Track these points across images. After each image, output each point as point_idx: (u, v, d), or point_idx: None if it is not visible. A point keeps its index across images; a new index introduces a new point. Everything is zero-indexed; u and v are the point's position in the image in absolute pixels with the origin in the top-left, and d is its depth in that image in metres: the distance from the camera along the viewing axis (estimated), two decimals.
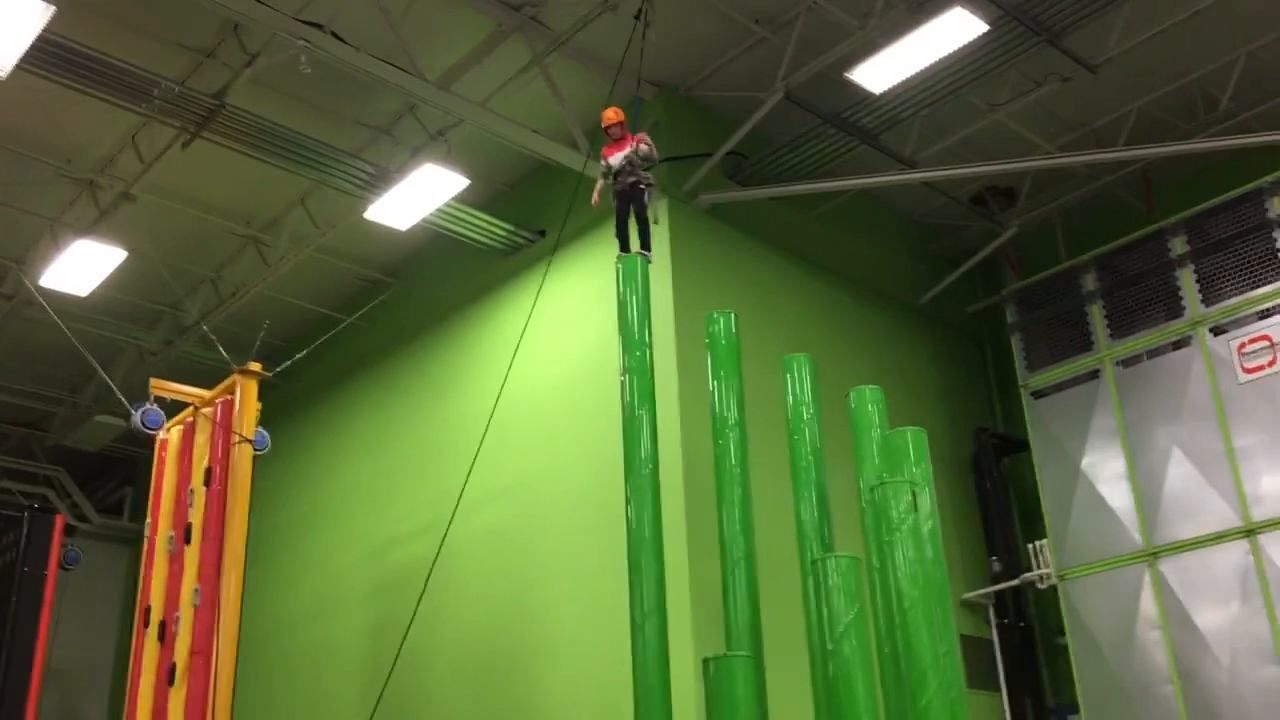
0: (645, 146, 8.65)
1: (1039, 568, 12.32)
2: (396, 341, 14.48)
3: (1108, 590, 11.62)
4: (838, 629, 6.09)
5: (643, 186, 8.72)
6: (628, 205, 8.75)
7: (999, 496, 13.28)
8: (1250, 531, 10.74)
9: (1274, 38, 11.66)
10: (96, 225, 12.84)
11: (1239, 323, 11.30)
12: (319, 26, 9.85)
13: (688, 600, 9.60)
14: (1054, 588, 12.11)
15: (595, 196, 8.86)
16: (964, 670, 8.47)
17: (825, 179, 12.07)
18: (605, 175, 8.78)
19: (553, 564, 11.39)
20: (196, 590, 10.45)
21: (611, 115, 8.82)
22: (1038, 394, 12.69)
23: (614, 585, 8.88)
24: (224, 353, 12.20)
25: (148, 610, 11.13)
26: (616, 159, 8.71)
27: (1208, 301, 11.55)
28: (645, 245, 8.68)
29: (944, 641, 6.45)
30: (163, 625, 10.83)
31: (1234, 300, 11.37)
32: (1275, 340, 10.98)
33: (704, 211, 11.77)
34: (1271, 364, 10.97)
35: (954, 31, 10.04)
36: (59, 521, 13.17)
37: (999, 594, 12.90)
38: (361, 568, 13.82)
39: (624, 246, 8.71)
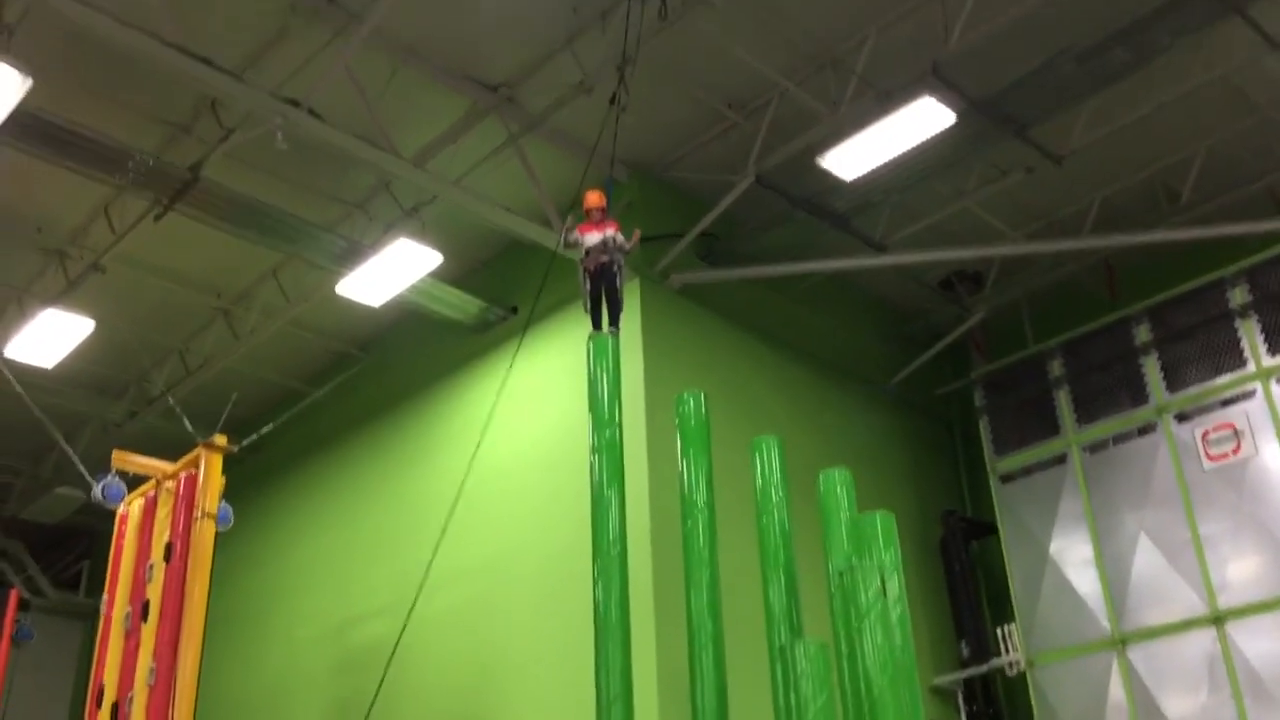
0: (621, 238, 8.62)
1: (1008, 653, 12.25)
2: (365, 416, 14.39)
3: (1077, 677, 11.57)
4: (806, 715, 5.99)
5: (615, 269, 8.75)
6: (600, 284, 8.79)
7: (968, 580, 13.25)
8: (1218, 619, 10.75)
9: (1232, 133, 11.97)
10: (65, 295, 12.76)
11: (1203, 410, 11.43)
12: (296, 104, 9.93)
13: (654, 684, 9.46)
14: (1023, 674, 12.04)
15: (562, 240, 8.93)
16: None
17: (796, 261, 12.20)
18: (574, 246, 8.78)
19: (517, 645, 11.22)
20: (152, 669, 10.19)
21: (594, 199, 8.75)
22: (1006, 478, 12.74)
23: (580, 668, 8.74)
24: (189, 425, 12.08)
25: (101, 689, 10.84)
26: (593, 238, 8.73)
27: (1172, 389, 11.69)
28: (615, 322, 8.70)
29: None
30: (116, 706, 10.53)
31: (1198, 388, 11.51)
32: (1239, 428, 11.10)
33: (676, 291, 11.85)
34: (1235, 451, 11.08)
35: (922, 121, 10.23)
36: (12, 596, 12.89)
37: (968, 680, 12.79)
38: (322, 647, 13.56)
39: (596, 324, 8.73)
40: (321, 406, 14.20)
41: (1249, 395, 11.15)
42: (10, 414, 14.47)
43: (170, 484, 11.08)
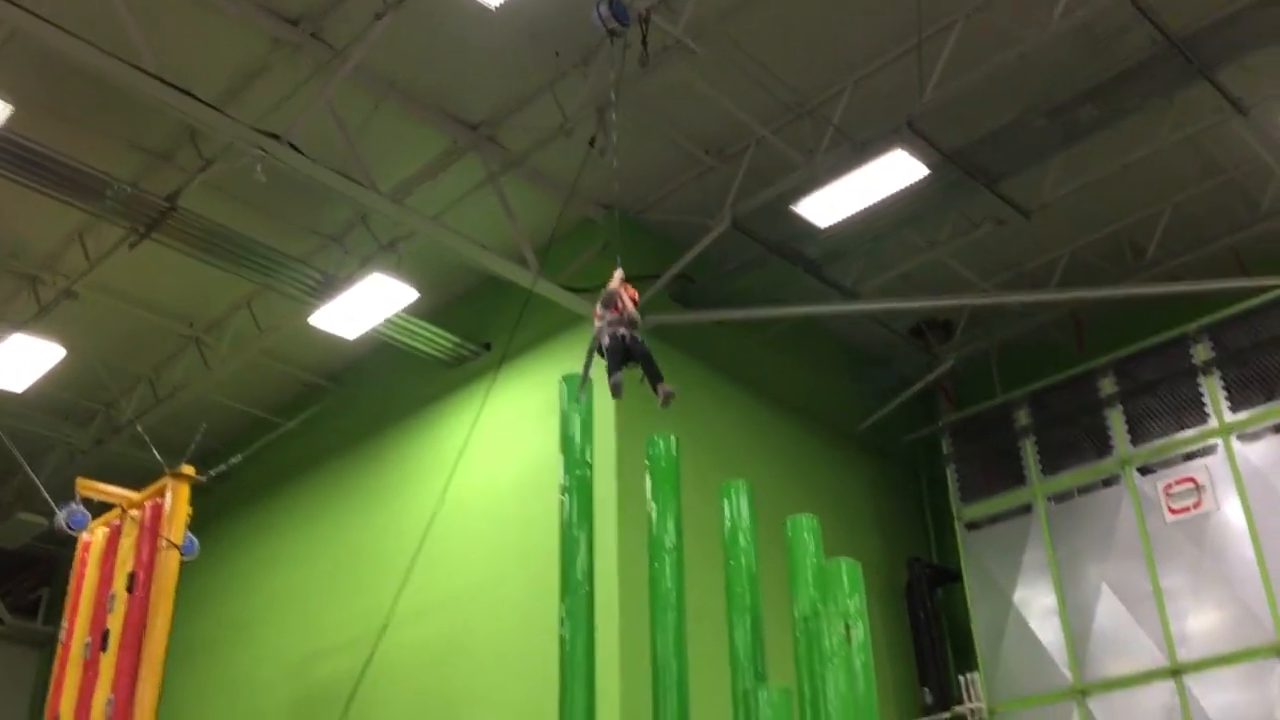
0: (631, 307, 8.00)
1: (970, 700, 12.28)
2: (334, 449, 14.33)
3: None
4: None
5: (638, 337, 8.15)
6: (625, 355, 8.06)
7: (932, 627, 13.29)
8: (1176, 672, 10.84)
9: (1197, 192, 12.23)
10: (36, 320, 12.68)
11: (1166, 464, 11.58)
12: (276, 136, 9.97)
13: None
14: None
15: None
16: None
17: (769, 305, 12.31)
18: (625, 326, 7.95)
19: (482, 683, 11.15)
20: (110, 700, 10.08)
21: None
22: (971, 525, 12.83)
23: (545, 707, 8.71)
24: (156, 454, 12.00)
25: (57, 718, 10.69)
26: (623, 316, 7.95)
27: (1136, 441, 11.83)
28: (660, 377, 8.09)
29: None
30: None
31: (1160, 441, 11.66)
32: (1200, 483, 11.25)
33: (649, 332, 11.90)
34: (1197, 506, 11.22)
35: (895, 173, 10.42)
36: None
37: None
38: (285, 682, 13.41)
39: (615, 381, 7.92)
40: (291, 438, 14.13)
41: (1211, 450, 11.31)
42: None
43: (135, 513, 11.00)
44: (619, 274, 7.93)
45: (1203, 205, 12.37)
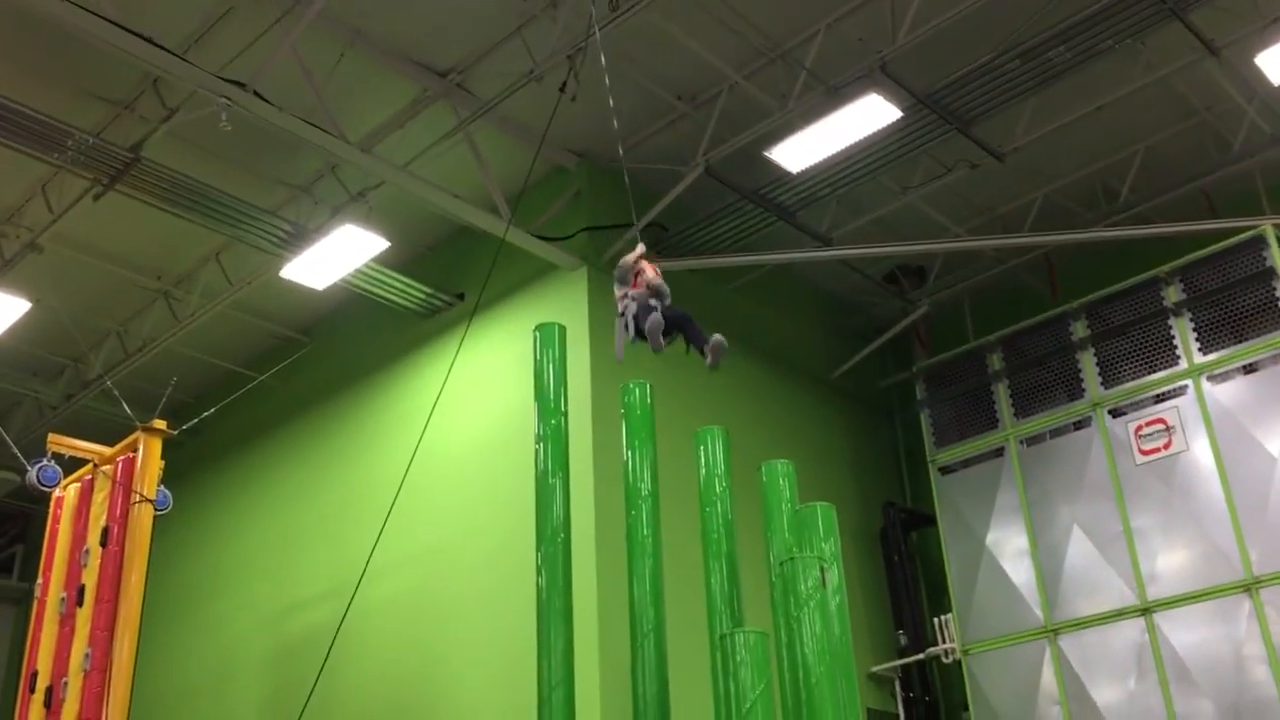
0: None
1: (944, 642, 12.47)
2: (308, 402, 14.27)
3: (1010, 665, 11.80)
4: (745, 704, 6.07)
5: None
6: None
7: (906, 570, 13.44)
8: (1146, 610, 11.01)
9: (1169, 134, 12.24)
10: (1, 275, 12.50)
11: (1136, 405, 11.69)
12: (241, 84, 9.80)
13: (596, 672, 9.52)
14: (959, 662, 12.26)
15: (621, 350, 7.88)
16: None
17: (743, 253, 12.28)
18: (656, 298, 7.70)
19: (460, 633, 11.21)
20: (87, 654, 10.07)
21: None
22: (945, 469, 12.94)
23: (522, 655, 8.78)
24: (127, 409, 11.91)
25: (34, 674, 10.69)
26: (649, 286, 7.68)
27: (1107, 384, 11.93)
28: (703, 339, 7.80)
29: (850, 717, 6.47)
30: (49, 691, 10.40)
31: (1131, 384, 11.76)
32: (1171, 424, 11.36)
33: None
34: (1167, 446, 11.34)
35: (869, 117, 10.37)
36: None
37: (905, 668, 13.01)
38: (262, 634, 13.45)
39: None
40: (264, 391, 14.04)
41: (1181, 391, 11.41)
42: None
43: (108, 468, 10.93)
44: (640, 248, 7.76)
45: (1175, 147, 12.39)
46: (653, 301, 7.68)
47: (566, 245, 11.73)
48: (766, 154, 10.93)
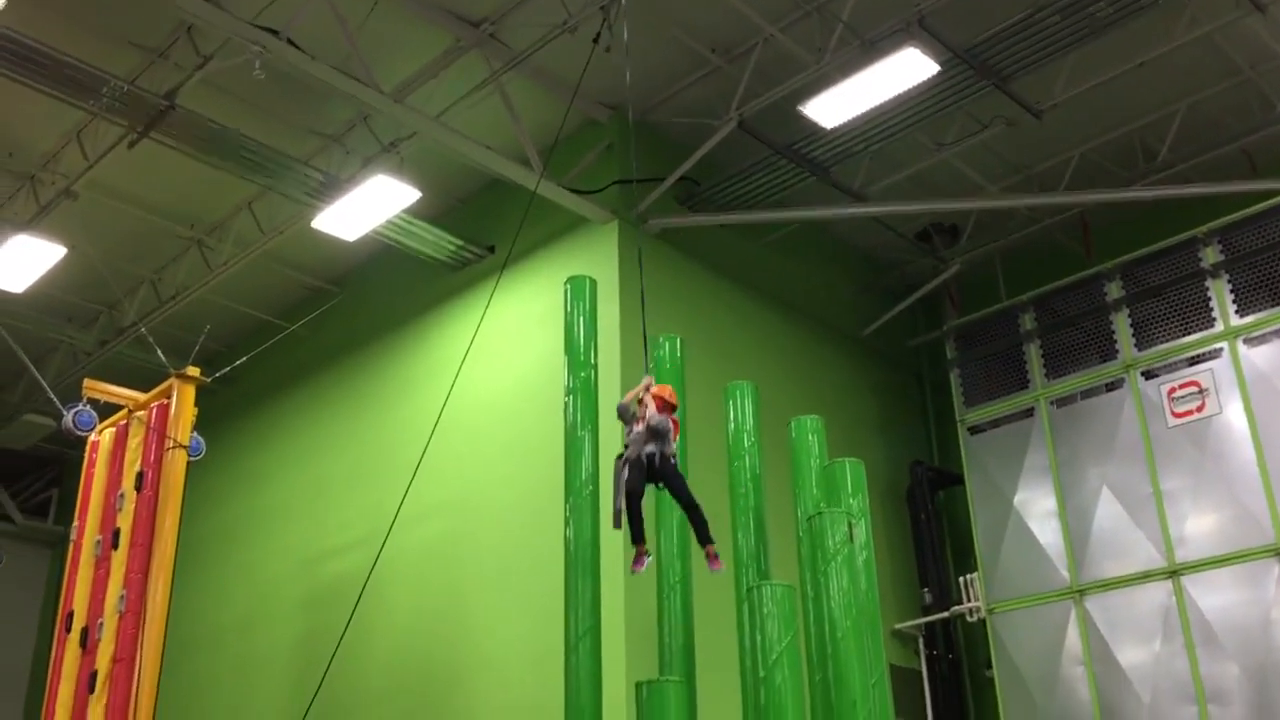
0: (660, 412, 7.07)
1: (969, 600, 12.48)
2: (339, 352, 14.36)
3: (1035, 625, 11.81)
4: (771, 656, 6.13)
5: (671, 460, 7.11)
6: (644, 482, 7.04)
7: (933, 529, 13.45)
8: (1174, 573, 10.98)
9: (1211, 92, 12.02)
10: (36, 221, 12.60)
11: (1170, 368, 11.59)
12: (275, 32, 9.79)
13: (622, 623, 9.60)
14: (983, 621, 12.28)
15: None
16: (892, 701, 8.56)
17: (775, 209, 12.21)
18: (629, 417, 7.19)
19: (488, 583, 11.33)
20: (122, 596, 10.25)
21: (669, 394, 7.18)
22: (974, 429, 12.89)
23: (549, 605, 8.87)
24: (161, 356, 12.02)
25: (70, 615, 10.89)
26: (656, 416, 7.08)
27: (1140, 346, 11.83)
28: (708, 538, 6.97)
29: (874, 672, 6.53)
30: (85, 631, 10.60)
31: (1165, 346, 11.65)
32: (1204, 386, 11.26)
33: (654, 235, 11.85)
34: (1200, 409, 11.25)
35: (905, 71, 10.22)
36: None
37: (929, 625, 13.04)
38: (293, 579, 13.64)
39: (636, 537, 7.09)
40: (296, 340, 14.13)
41: (1216, 354, 11.30)
42: None
43: (142, 414, 11.06)
44: (647, 379, 7.21)
45: (1217, 106, 12.17)
46: (649, 448, 6.93)
47: (598, 198, 11.69)
48: (800, 109, 10.82)
